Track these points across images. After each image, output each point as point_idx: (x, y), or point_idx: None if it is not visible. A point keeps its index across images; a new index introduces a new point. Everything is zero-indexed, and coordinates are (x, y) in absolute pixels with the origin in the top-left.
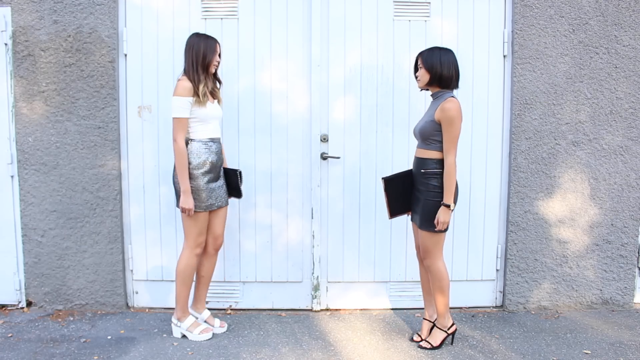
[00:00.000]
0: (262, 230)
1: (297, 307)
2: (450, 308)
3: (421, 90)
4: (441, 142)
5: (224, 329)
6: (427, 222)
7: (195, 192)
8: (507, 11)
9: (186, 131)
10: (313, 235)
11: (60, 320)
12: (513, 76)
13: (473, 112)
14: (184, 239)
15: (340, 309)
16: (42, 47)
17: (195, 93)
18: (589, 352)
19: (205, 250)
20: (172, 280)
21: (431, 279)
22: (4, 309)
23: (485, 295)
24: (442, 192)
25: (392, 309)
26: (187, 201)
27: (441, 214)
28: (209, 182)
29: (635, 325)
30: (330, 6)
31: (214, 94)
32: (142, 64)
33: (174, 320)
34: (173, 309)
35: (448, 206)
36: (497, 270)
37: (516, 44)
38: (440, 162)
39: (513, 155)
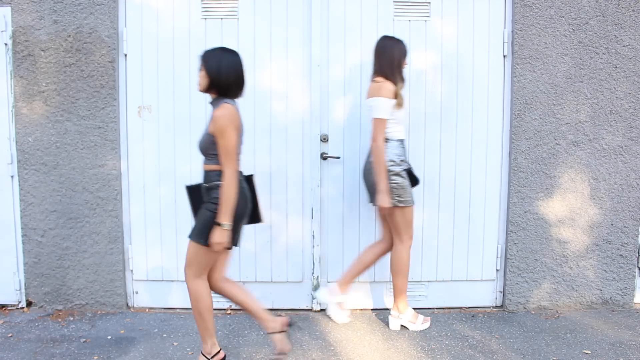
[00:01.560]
0: (261, 230)
1: (297, 307)
2: (451, 308)
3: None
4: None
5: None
6: (198, 233)
7: (401, 188)
8: (507, 11)
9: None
10: (313, 235)
11: (60, 320)
12: (513, 76)
13: (473, 112)
14: (397, 236)
15: None
16: (42, 47)
17: (395, 95)
18: (589, 352)
19: (385, 241)
20: (172, 280)
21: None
22: (4, 309)
23: (485, 295)
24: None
25: (390, 311)
26: (386, 199)
27: (214, 234)
28: (405, 178)
29: (635, 325)
30: (330, 6)
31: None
32: (142, 64)
33: (394, 313)
34: (173, 309)
35: (228, 225)
36: (497, 270)
37: (516, 44)
38: (221, 174)
39: (513, 155)
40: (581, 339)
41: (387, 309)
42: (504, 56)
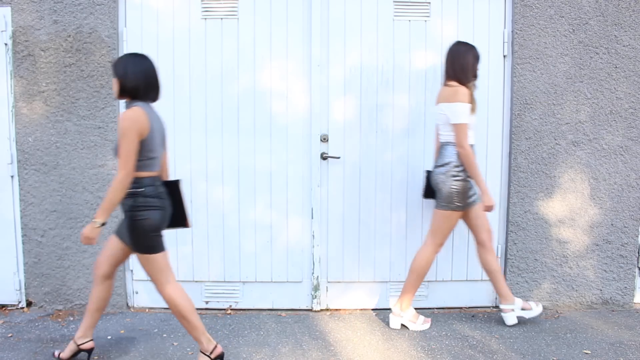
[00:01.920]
0: (262, 230)
1: (297, 307)
2: (450, 308)
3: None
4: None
5: (539, 310)
6: (135, 245)
7: (462, 192)
8: (507, 11)
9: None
10: (313, 235)
11: (60, 320)
12: (513, 76)
13: None
14: (432, 237)
15: (340, 309)
16: (42, 47)
17: (470, 100)
18: (589, 352)
19: (484, 245)
20: None
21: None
22: (4, 309)
23: (485, 295)
24: (138, 211)
25: (392, 308)
26: (490, 199)
27: (85, 228)
28: (468, 183)
29: (635, 325)
30: (330, 6)
31: None
32: None
33: (395, 310)
34: None
35: (100, 222)
36: None
37: (516, 44)
38: (136, 180)
39: (513, 155)
40: (581, 339)
41: (387, 309)
42: (504, 56)
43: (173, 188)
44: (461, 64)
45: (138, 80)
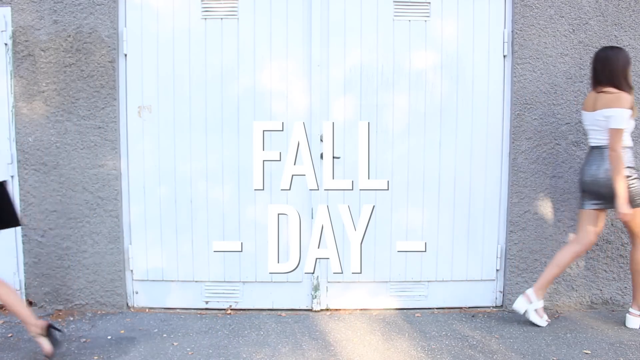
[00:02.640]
0: (261, 230)
1: (297, 307)
2: (451, 308)
3: None
4: None
5: (544, 325)
6: None
7: (636, 192)
8: (507, 11)
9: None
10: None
11: (60, 320)
12: (513, 76)
13: (473, 112)
14: (637, 237)
15: (340, 309)
16: (42, 47)
17: (631, 106)
18: (589, 352)
19: (579, 245)
20: (172, 280)
21: None
22: (4, 309)
23: (485, 295)
24: None
25: (392, 309)
26: (626, 207)
27: None
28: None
29: None
30: (330, 6)
31: None
32: (142, 64)
33: (633, 311)
34: (173, 309)
35: None
36: (497, 270)
37: (516, 44)
38: None
39: (513, 155)
40: (581, 339)
41: (388, 309)
42: (504, 56)
43: None
44: (610, 70)
45: None
